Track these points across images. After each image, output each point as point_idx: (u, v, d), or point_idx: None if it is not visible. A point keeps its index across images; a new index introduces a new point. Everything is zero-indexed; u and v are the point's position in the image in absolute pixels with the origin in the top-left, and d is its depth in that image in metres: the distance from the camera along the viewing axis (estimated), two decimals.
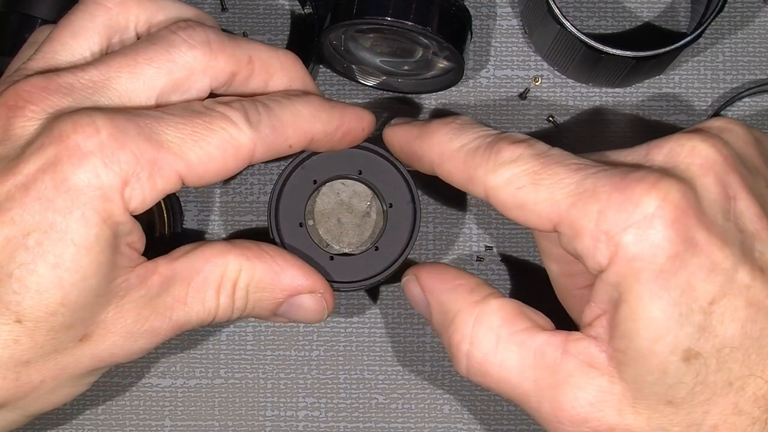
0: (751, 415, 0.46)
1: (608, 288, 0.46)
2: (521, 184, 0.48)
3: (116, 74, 0.49)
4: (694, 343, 0.45)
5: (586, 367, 0.47)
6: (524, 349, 0.49)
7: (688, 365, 0.46)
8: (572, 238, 0.47)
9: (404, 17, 0.56)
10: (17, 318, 0.46)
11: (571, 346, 0.48)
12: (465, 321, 0.50)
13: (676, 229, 0.45)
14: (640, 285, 0.45)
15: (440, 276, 0.52)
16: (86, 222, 0.46)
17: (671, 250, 0.45)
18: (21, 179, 0.46)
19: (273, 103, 0.50)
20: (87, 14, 0.50)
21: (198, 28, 0.50)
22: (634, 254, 0.45)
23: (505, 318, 0.49)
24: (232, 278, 0.51)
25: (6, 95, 0.47)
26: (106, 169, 0.46)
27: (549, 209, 0.47)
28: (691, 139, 0.48)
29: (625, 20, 0.64)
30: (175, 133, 0.47)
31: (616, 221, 0.46)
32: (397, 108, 0.63)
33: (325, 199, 0.57)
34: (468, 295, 0.50)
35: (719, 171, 0.47)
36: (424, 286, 0.52)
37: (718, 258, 0.45)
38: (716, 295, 0.45)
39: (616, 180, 0.46)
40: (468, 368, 0.50)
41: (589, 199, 0.46)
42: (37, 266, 0.45)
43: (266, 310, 0.52)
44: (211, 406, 0.62)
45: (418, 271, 0.53)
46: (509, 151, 0.49)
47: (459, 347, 0.50)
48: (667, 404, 0.46)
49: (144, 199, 0.47)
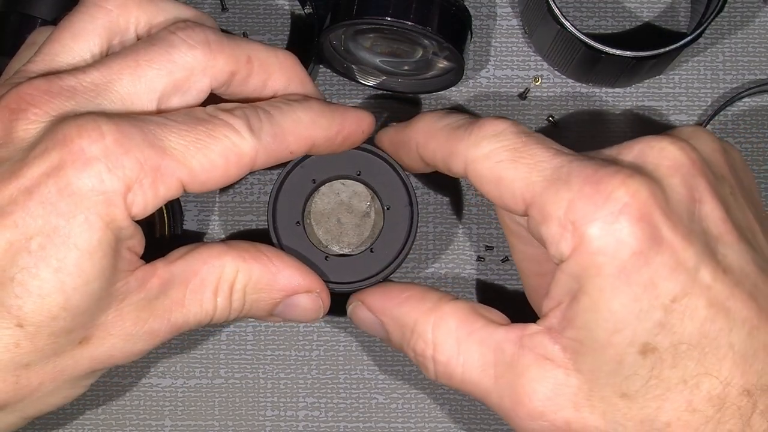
0: (704, 414, 0.46)
1: (567, 279, 0.47)
2: (500, 158, 0.48)
3: (118, 76, 0.49)
4: (651, 338, 0.46)
5: (542, 360, 0.48)
6: (484, 347, 0.49)
7: (644, 358, 0.46)
8: (540, 222, 0.47)
9: (404, 17, 0.56)
10: (18, 322, 0.46)
11: (526, 340, 0.48)
12: (424, 329, 0.51)
13: (641, 227, 0.46)
14: (602, 279, 0.46)
15: (386, 294, 0.53)
16: (89, 226, 0.46)
17: (636, 247, 0.45)
18: (25, 183, 0.46)
19: (274, 110, 0.50)
20: (87, 16, 0.50)
21: (197, 29, 0.50)
22: (598, 248, 0.46)
23: (461, 319, 0.50)
24: (229, 280, 0.51)
25: (8, 98, 0.47)
26: (110, 175, 0.46)
27: (523, 189, 0.48)
28: (661, 142, 0.48)
29: (625, 20, 0.64)
30: (179, 140, 0.47)
31: (584, 213, 0.46)
32: (397, 108, 0.63)
33: (324, 199, 0.57)
34: (420, 304, 0.51)
35: (686, 173, 0.48)
36: (372, 308, 0.53)
37: (682, 257, 0.46)
38: (678, 294, 0.46)
39: (590, 172, 0.47)
40: (436, 373, 0.51)
41: (561, 187, 0.47)
42: (39, 270, 0.45)
43: (263, 310, 0.52)
44: (211, 406, 0.62)
45: (361, 296, 0.54)
46: (492, 126, 0.49)
47: (423, 354, 0.50)
48: (622, 397, 0.47)
49: (146, 205, 0.47)
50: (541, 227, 0.47)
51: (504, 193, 0.48)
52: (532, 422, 0.48)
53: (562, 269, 0.47)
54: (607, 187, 0.46)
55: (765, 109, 0.63)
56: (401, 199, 0.56)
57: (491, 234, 0.62)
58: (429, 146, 0.52)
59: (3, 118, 0.47)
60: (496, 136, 0.49)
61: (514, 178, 0.48)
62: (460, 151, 0.50)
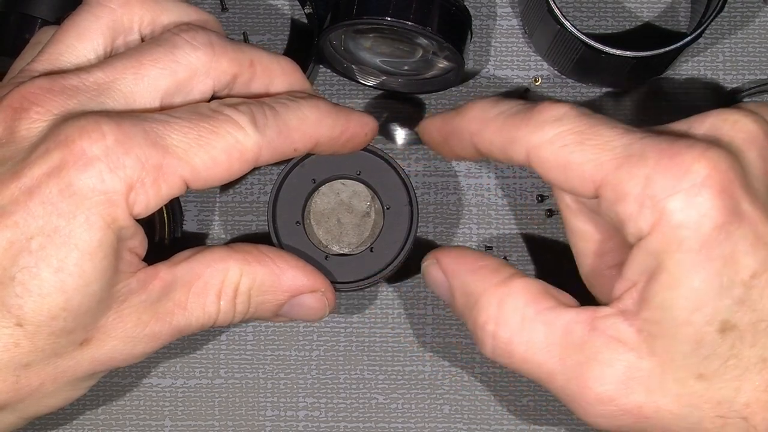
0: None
1: (646, 257, 0.46)
2: (566, 142, 0.47)
3: (121, 76, 0.49)
4: (731, 315, 0.45)
5: (614, 342, 0.47)
6: (551, 327, 0.48)
7: (724, 337, 0.45)
8: (614, 202, 0.46)
9: (404, 17, 0.56)
10: (18, 321, 0.46)
11: (598, 323, 0.47)
12: (489, 302, 0.49)
13: (723, 199, 0.45)
14: (682, 254, 0.45)
15: (462, 258, 0.51)
16: (90, 227, 0.46)
17: (718, 220, 0.45)
18: (26, 183, 0.46)
19: (280, 106, 0.50)
20: (91, 16, 0.50)
21: (201, 31, 0.50)
22: (680, 221, 0.45)
23: (530, 297, 0.49)
24: (233, 283, 0.51)
25: (11, 97, 0.47)
26: (111, 174, 0.46)
27: (593, 170, 0.46)
28: (734, 114, 0.47)
29: (625, 20, 0.64)
30: (181, 138, 0.47)
31: (663, 187, 0.45)
32: (397, 108, 0.63)
33: (325, 199, 0.57)
34: (491, 276, 0.50)
35: (762, 146, 0.47)
36: (445, 270, 0.52)
37: (761, 231, 0.45)
38: (758, 269, 0.45)
39: (665, 146, 0.46)
40: (494, 349, 0.49)
41: (636, 163, 0.46)
42: (40, 270, 0.45)
43: (269, 312, 0.52)
44: (211, 406, 0.62)
45: (439, 255, 0.52)
46: (553, 109, 0.48)
47: (484, 328, 0.49)
48: (699, 378, 0.46)
49: (148, 204, 0.47)
50: (617, 206, 0.46)
51: (572, 178, 0.47)
52: (601, 407, 0.47)
53: (640, 247, 0.46)
54: (685, 159, 0.45)
55: None
56: (401, 199, 0.56)
57: (491, 234, 0.62)
58: (485, 135, 0.50)
59: (6, 117, 0.47)
60: (559, 119, 0.48)
61: (582, 161, 0.47)
62: (520, 137, 0.48)
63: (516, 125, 0.49)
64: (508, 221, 0.62)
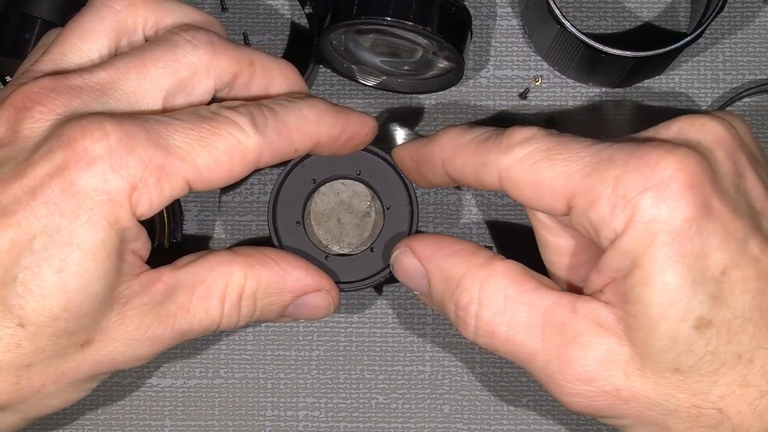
0: (759, 388, 0.46)
1: (620, 256, 0.46)
2: (535, 160, 0.48)
3: (124, 76, 0.49)
4: (706, 311, 0.45)
5: (595, 326, 0.47)
6: (533, 308, 0.48)
7: (699, 334, 0.46)
8: (587, 209, 0.47)
9: (404, 17, 0.56)
10: (20, 322, 0.46)
11: (580, 306, 0.48)
12: (471, 283, 0.49)
13: (693, 193, 0.45)
14: (656, 248, 0.45)
15: (437, 243, 0.52)
16: (93, 226, 0.46)
17: (689, 213, 0.45)
18: (29, 183, 0.46)
19: (279, 108, 0.51)
20: (96, 16, 0.50)
21: (201, 30, 0.51)
22: (652, 217, 0.45)
23: (512, 278, 0.49)
24: (237, 287, 0.51)
25: (14, 96, 0.47)
26: (114, 174, 0.46)
27: (564, 183, 0.47)
28: (701, 118, 0.48)
29: (625, 20, 0.64)
30: (183, 138, 0.47)
31: (633, 186, 0.45)
32: (397, 108, 0.63)
33: (325, 199, 0.57)
34: (471, 258, 0.50)
35: (729, 147, 0.47)
36: (421, 255, 0.52)
37: (731, 227, 0.46)
38: (728, 265, 0.45)
39: (632, 148, 0.46)
40: (476, 330, 0.49)
41: (606, 167, 0.46)
42: (42, 270, 0.45)
43: (274, 313, 0.53)
44: (211, 406, 0.62)
45: (412, 242, 0.52)
46: (522, 132, 0.49)
47: (467, 309, 0.49)
48: (675, 372, 0.46)
49: (151, 205, 0.47)
50: (590, 212, 0.46)
51: (544, 195, 0.48)
52: (580, 386, 0.47)
53: (614, 246, 0.46)
54: (652, 157, 0.46)
55: (765, 109, 0.63)
56: (401, 199, 0.56)
57: (491, 234, 0.62)
58: (457, 161, 0.51)
59: (9, 117, 0.47)
60: (527, 140, 0.48)
61: (552, 176, 0.47)
62: (491, 161, 0.49)
63: (487, 149, 0.49)
64: (508, 221, 0.62)
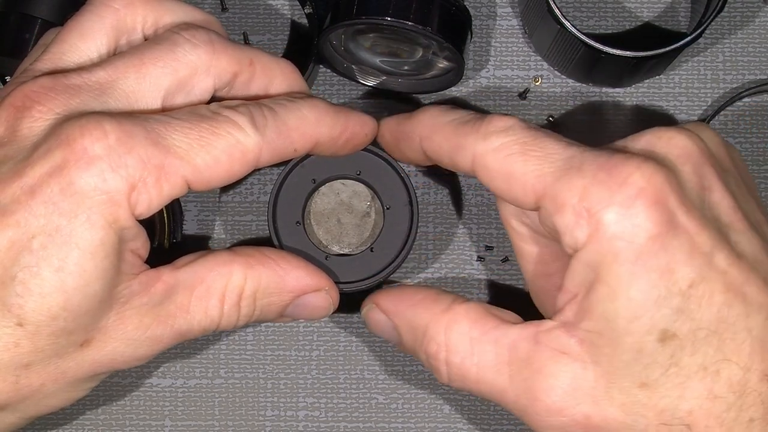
0: (725, 401, 0.46)
1: (584, 268, 0.47)
2: (511, 152, 0.48)
3: (123, 75, 0.49)
4: (670, 324, 0.46)
5: (558, 354, 0.47)
6: (498, 346, 0.49)
7: (664, 346, 0.46)
8: (553, 212, 0.47)
9: (404, 17, 0.56)
10: (19, 321, 0.46)
11: (541, 337, 0.48)
12: (437, 330, 0.50)
13: (657, 211, 0.46)
14: (619, 265, 0.46)
15: (400, 296, 0.53)
16: (91, 226, 0.46)
17: (652, 231, 0.45)
18: (28, 182, 0.46)
19: (278, 107, 0.50)
20: (95, 16, 0.50)
21: (201, 29, 0.51)
22: (615, 233, 0.46)
23: (474, 320, 0.50)
24: (237, 287, 0.51)
25: (13, 95, 0.47)
26: (113, 174, 0.46)
27: (535, 181, 0.48)
28: (668, 132, 0.49)
29: (625, 20, 0.64)
30: (182, 138, 0.47)
31: (598, 199, 0.46)
32: (397, 108, 0.63)
33: (325, 199, 0.57)
34: (433, 306, 0.51)
35: (696, 162, 0.48)
36: (386, 310, 0.53)
37: (697, 241, 0.46)
38: (695, 279, 0.46)
39: (603, 160, 0.47)
40: (449, 375, 0.50)
41: (575, 175, 0.47)
42: (40, 269, 0.45)
43: (274, 313, 0.53)
44: (211, 406, 0.62)
45: (376, 298, 0.53)
46: (501, 121, 0.49)
47: (437, 356, 0.50)
48: (642, 386, 0.46)
49: (150, 204, 0.47)
50: (555, 217, 0.47)
51: (514, 187, 0.48)
52: (551, 418, 0.48)
53: (577, 259, 0.47)
54: (621, 172, 0.46)
55: (765, 109, 0.63)
56: (401, 199, 0.56)
57: (491, 234, 0.62)
58: (434, 139, 0.52)
59: (8, 116, 0.47)
60: (506, 130, 0.49)
61: (525, 171, 0.48)
62: (467, 145, 0.50)
63: (465, 133, 0.50)
64: None
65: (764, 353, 0.46)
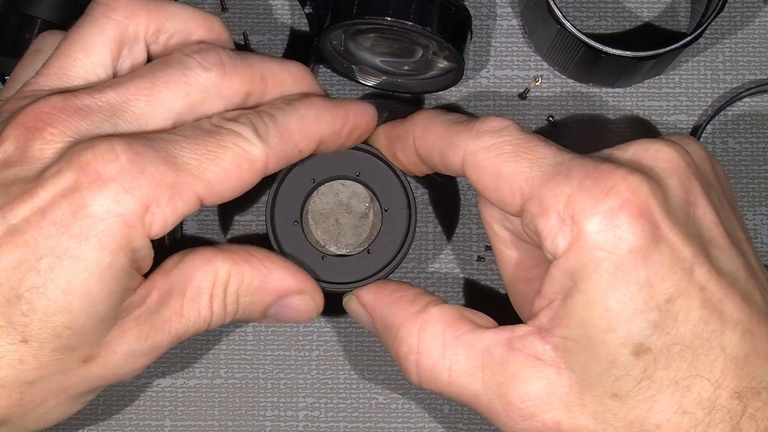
0: (694, 416, 0.46)
1: (563, 275, 0.47)
2: (502, 152, 0.49)
3: (134, 97, 0.48)
4: (645, 338, 0.46)
5: (532, 360, 0.48)
6: (471, 350, 0.49)
7: (637, 359, 0.46)
8: (537, 216, 0.47)
9: (404, 17, 0.56)
10: (23, 338, 0.45)
11: (515, 342, 0.48)
12: (409, 331, 0.51)
13: (640, 223, 0.46)
14: (599, 275, 0.46)
15: (379, 291, 0.53)
16: (102, 249, 0.45)
17: (634, 244, 0.46)
18: (38, 203, 0.45)
19: (277, 112, 0.50)
20: (96, 28, 0.50)
21: (211, 51, 0.50)
22: (596, 243, 0.46)
23: (447, 323, 0.50)
24: (222, 283, 0.51)
25: (24, 114, 0.47)
26: (126, 195, 0.46)
27: (523, 183, 0.48)
28: (656, 144, 0.49)
29: (625, 20, 0.64)
30: (191, 155, 0.47)
31: (583, 207, 0.46)
32: (397, 108, 0.63)
33: (324, 199, 0.57)
34: (409, 306, 0.51)
35: (682, 175, 0.48)
36: (365, 304, 0.53)
37: (679, 255, 0.46)
38: (673, 294, 0.46)
39: (590, 168, 0.47)
40: (419, 377, 0.51)
41: (561, 181, 0.47)
42: (47, 290, 0.45)
43: (256, 312, 0.52)
44: (211, 406, 0.62)
45: (358, 291, 0.54)
46: (496, 122, 0.50)
47: (407, 358, 0.51)
48: (613, 397, 0.47)
49: (165, 223, 0.47)
50: (539, 220, 0.47)
51: (502, 187, 0.49)
52: (524, 423, 0.48)
53: (556, 265, 0.47)
54: (607, 182, 0.46)
55: (765, 109, 0.63)
56: (400, 202, 0.56)
57: None
58: (427, 138, 0.52)
59: (18, 135, 0.47)
60: (500, 130, 0.49)
61: (514, 173, 0.48)
62: (460, 142, 0.50)
63: (458, 131, 0.50)
64: None
65: (736, 370, 0.46)
